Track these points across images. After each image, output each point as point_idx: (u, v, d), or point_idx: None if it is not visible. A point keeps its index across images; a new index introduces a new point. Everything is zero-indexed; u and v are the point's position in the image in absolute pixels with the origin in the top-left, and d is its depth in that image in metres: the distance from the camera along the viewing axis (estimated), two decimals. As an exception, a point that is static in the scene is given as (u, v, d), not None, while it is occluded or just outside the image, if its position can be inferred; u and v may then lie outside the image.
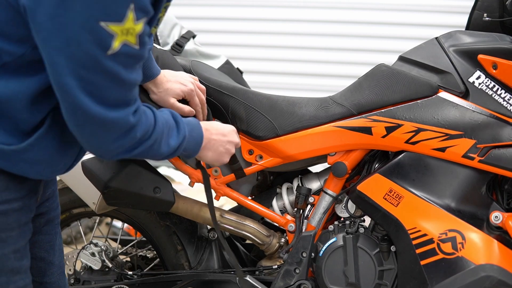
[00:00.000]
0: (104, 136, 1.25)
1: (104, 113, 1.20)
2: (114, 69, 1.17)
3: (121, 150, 1.30)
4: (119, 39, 1.14)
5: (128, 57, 1.18)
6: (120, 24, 1.12)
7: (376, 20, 4.41)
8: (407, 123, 1.80)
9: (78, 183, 1.97)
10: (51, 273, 1.58)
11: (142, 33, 1.18)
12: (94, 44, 1.12)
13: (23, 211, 1.35)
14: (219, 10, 4.62)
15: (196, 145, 1.55)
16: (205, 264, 2.06)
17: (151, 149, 1.36)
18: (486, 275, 1.69)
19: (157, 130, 1.35)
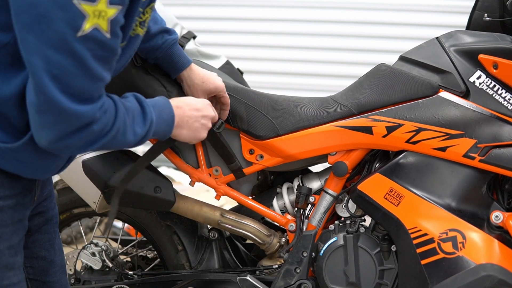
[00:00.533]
0: (63, 129, 1.21)
1: (66, 104, 1.18)
2: (82, 54, 1.15)
3: (78, 146, 1.26)
4: (91, 21, 1.13)
5: (97, 44, 1.17)
6: (92, 4, 1.12)
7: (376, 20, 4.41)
8: (407, 123, 1.80)
9: (78, 183, 1.97)
10: (53, 272, 1.59)
11: (115, 21, 1.17)
12: (65, 22, 1.11)
13: (17, 208, 1.36)
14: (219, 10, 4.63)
15: (168, 127, 1.50)
16: (205, 264, 2.06)
17: (114, 140, 1.31)
18: (487, 274, 1.69)
19: (118, 121, 1.31)
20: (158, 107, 1.47)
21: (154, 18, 1.75)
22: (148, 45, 1.73)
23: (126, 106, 1.35)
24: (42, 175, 1.40)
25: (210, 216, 1.97)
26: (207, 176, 1.97)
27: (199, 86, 1.79)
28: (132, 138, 1.37)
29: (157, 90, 1.77)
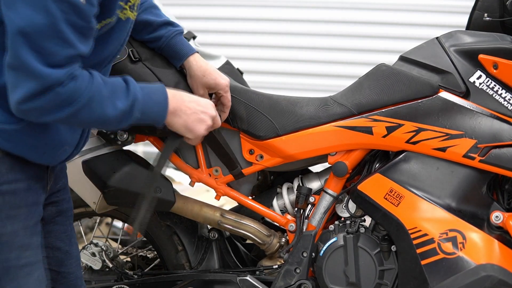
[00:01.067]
0: (29, 88, 1.24)
1: (33, 63, 1.21)
2: (55, 14, 1.19)
3: (46, 109, 1.27)
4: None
5: (71, 8, 1.20)
6: None
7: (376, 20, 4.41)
8: (407, 123, 1.80)
9: (78, 183, 1.97)
10: (69, 263, 1.62)
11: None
12: None
13: (29, 192, 1.41)
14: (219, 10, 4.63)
15: (160, 109, 1.48)
16: (205, 264, 2.05)
17: (89, 110, 1.31)
18: (487, 274, 1.69)
19: (91, 89, 1.31)
20: (148, 88, 1.46)
21: (158, 14, 1.80)
22: (153, 36, 1.79)
23: (105, 80, 1.36)
24: (50, 160, 1.44)
25: (210, 216, 1.97)
26: (207, 176, 1.97)
27: (199, 78, 1.80)
28: (112, 112, 1.35)
29: None
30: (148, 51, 1.82)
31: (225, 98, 1.84)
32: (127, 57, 1.76)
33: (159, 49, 1.82)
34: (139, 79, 1.75)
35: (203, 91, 1.81)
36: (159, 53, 1.83)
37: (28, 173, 1.41)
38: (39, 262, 1.44)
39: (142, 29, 1.78)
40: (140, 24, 1.77)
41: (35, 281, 1.42)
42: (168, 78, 1.79)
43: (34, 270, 1.42)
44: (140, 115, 1.41)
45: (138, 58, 1.78)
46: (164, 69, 1.80)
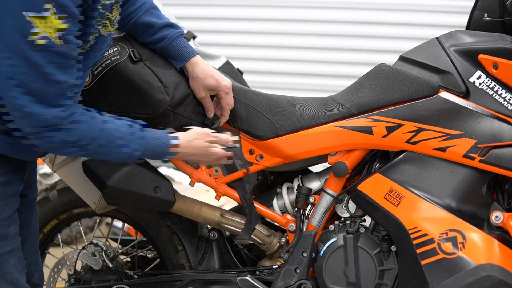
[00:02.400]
0: (28, 127, 1.37)
1: (26, 105, 1.32)
2: (38, 61, 1.28)
3: (51, 146, 1.42)
4: (39, 31, 1.25)
5: (53, 54, 1.29)
6: (38, 14, 1.24)
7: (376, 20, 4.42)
8: (407, 123, 1.80)
9: (78, 183, 1.98)
10: (24, 249, 1.68)
11: (66, 31, 1.29)
12: (15, 29, 1.25)
13: (8, 185, 1.51)
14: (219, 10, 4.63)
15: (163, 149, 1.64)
16: (205, 264, 2.05)
17: (97, 152, 1.49)
18: (487, 274, 1.69)
19: (101, 137, 1.47)
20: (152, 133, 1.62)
21: (159, 15, 1.82)
22: (154, 38, 1.80)
23: (117, 125, 1.52)
24: (30, 156, 1.55)
25: (210, 216, 1.97)
26: (207, 176, 1.97)
27: (201, 80, 1.81)
28: (122, 157, 1.55)
29: (154, 86, 1.77)
30: (149, 51, 1.82)
31: (224, 100, 1.84)
32: (128, 57, 1.76)
33: (160, 51, 1.82)
34: (140, 79, 1.75)
35: (204, 93, 1.82)
36: (160, 54, 1.83)
37: (8, 168, 1.50)
38: (15, 249, 1.54)
39: (144, 31, 1.79)
40: (142, 27, 1.77)
41: (12, 266, 1.52)
42: (169, 79, 1.79)
43: (10, 257, 1.52)
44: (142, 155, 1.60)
45: (139, 58, 1.78)
46: (165, 70, 1.80)
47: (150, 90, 1.76)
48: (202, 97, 1.83)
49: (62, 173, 2.00)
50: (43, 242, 2.20)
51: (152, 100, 1.76)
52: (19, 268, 1.56)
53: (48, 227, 2.19)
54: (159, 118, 1.77)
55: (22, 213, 1.68)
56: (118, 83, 1.75)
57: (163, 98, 1.77)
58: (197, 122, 1.85)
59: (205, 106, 1.85)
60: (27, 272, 1.72)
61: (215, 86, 1.82)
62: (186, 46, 1.83)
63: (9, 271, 1.52)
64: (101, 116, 1.50)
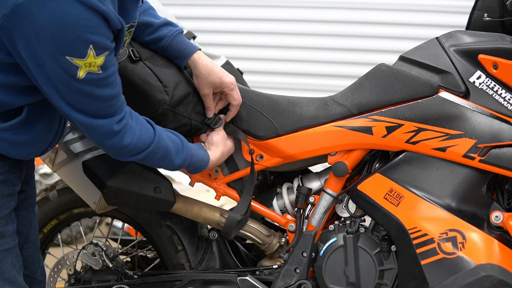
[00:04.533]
0: (94, 137, 1.51)
1: (84, 119, 1.45)
2: (85, 89, 1.40)
3: (123, 152, 1.56)
4: (83, 69, 1.37)
5: (94, 81, 1.40)
6: (83, 59, 1.35)
7: (376, 20, 4.42)
8: (407, 123, 1.80)
9: (78, 183, 1.98)
10: (27, 247, 1.74)
11: (104, 63, 1.39)
12: (62, 71, 1.36)
13: (6, 183, 1.53)
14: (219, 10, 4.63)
15: (202, 165, 1.78)
16: (205, 264, 2.05)
17: (148, 159, 1.61)
18: (487, 274, 1.69)
19: (157, 145, 1.60)
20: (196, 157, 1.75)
21: (156, 15, 1.83)
22: (154, 36, 1.81)
23: (171, 139, 1.66)
24: (27, 156, 1.57)
25: (210, 217, 1.97)
26: (207, 176, 1.97)
27: (205, 77, 1.81)
28: (170, 163, 1.67)
29: (153, 86, 1.76)
30: (149, 51, 1.81)
31: (231, 96, 1.84)
32: (127, 57, 1.76)
33: (161, 50, 1.82)
34: (139, 79, 1.75)
35: (208, 90, 1.82)
36: (159, 53, 1.83)
37: (6, 167, 1.52)
38: (13, 248, 1.56)
39: (143, 31, 1.79)
40: (140, 26, 1.77)
41: (9, 265, 1.53)
42: (168, 78, 1.79)
43: (8, 255, 1.53)
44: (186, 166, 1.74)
45: (139, 58, 1.77)
46: (165, 69, 1.80)
47: (150, 89, 1.75)
48: (206, 94, 1.82)
49: (62, 173, 2.01)
50: (43, 242, 2.20)
51: (151, 99, 1.76)
52: (17, 266, 1.56)
53: (48, 227, 2.19)
54: (159, 117, 1.76)
55: (22, 210, 1.70)
56: None
57: (162, 98, 1.76)
58: (196, 121, 1.85)
59: (206, 103, 1.84)
60: (31, 270, 1.75)
61: (219, 83, 1.81)
62: (187, 43, 1.83)
63: (6, 269, 1.53)
64: (153, 127, 1.62)
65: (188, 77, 1.86)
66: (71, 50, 1.33)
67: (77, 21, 1.31)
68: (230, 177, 1.96)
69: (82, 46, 1.34)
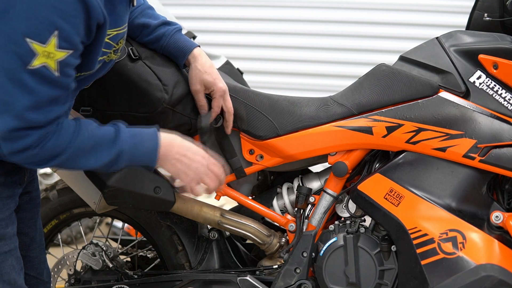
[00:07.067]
0: (7, 147, 1.36)
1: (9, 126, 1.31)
2: (28, 84, 1.29)
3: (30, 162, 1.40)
4: (40, 59, 1.27)
5: (44, 79, 1.30)
6: (42, 45, 1.26)
7: (376, 20, 4.41)
8: (407, 123, 1.80)
9: (78, 183, 1.98)
10: (33, 248, 1.73)
11: (64, 63, 1.30)
12: (16, 57, 1.26)
13: (5, 185, 1.50)
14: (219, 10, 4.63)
15: (149, 157, 1.52)
16: (205, 264, 2.06)
17: (73, 162, 1.43)
18: (487, 274, 1.69)
19: (74, 144, 1.41)
20: (139, 137, 1.51)
21: (154, 15, 1.81)
22: (152, 36, 1.80)
23: (90, 132, 1.44)
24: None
25: (210, 217, 1.97)
26: (207, 176, 1.97)
27: (200, 73, 1.80)
28: (95, 163, 1.46)
29: (153, 84, 1.77)
30: (148, 49, 1.81)
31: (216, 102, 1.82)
32: (127, 55, 1.76)
33: (161, 49, 1.82)
34: (138, 77, 1.75)
35: (200, 86, 1.81)
36: (159, 52, 1.83)
37: (5, 169, 1.49)
38: (13, 250, 1.53)
39: (141, 32, 1.79)
40: (138, 28, 1.77)
41: (8, 267, 1.52)
42: (168, 77, 1.79)
43: (8, 257, 1.51)
44: (128, 163, 1.50)
45: (138, 57, 1.77)
46: (164, 68, 1.80)
47: (149, 88, 1.76)
48: (197, 90, 1.81)
49: (62, 173, 2.01)
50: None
51: (151, 98, 1.76)
52: (17, 268, 1.55)
53: (48, 227, 2.19)
54: (158, 116, 1.76)
55: (27, 211, 1.69)
56: (117, 81, 1.75)
57: (162, 97, 1.76)
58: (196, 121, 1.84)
59: (197, 101, 1.83)
60: (37, 271, 1.75)
61: (210, 84, 1.80)
62: (186, 40, 1.82)
63: (6, 271, 1.52)
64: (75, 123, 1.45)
65: (187, 76, 1.86)
66: (34, 31, 1.26)
67: (53, 2, 1.25)
68: (231, 177, 1.96)
69: (46, 29, 1.26)
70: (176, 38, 1.81)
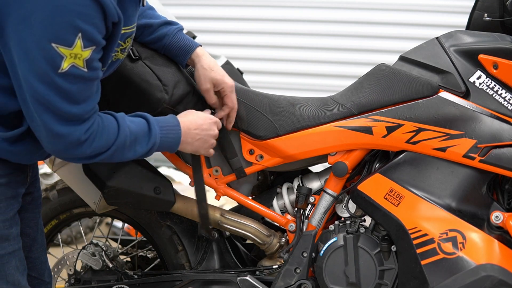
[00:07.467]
0: (59, 146, 1.43)
1: (53, 124, 1.38)
2: (64, 87, 1.35)
3: (76, 158, 1.49)
4: (68, 60, 1.32)
5: (76, 78, 1.35)
6: (69, 48, 1.31)
7: (376, 20, 4.42)
8: (407, 123, 1.80)
9: (78, 183, 1.98)
10: (35, 248, 1.74)
11: (90, 59, 1.36)
12: (45, 62, 1.31)
13: (9, 186, 1.52)
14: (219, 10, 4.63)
15: (174, 145, 1.67)
16: (205, 264, 2.06)
17: (113, 157, 1.53)
18: (487, 275, 1.69)
19: (118, 143, 1.51)
20: (166, 128, 1.63)
21: (155, 16, 1.82)
22: (154, 36, 1.80)
23: (130, 128, 1.54)
24: (29, 161, 1.56)
25: (210, 216, 1.97)
26: (207, 176, 1.97)
27: (207, 72, 1.79)
28: (132, 155, 1.57)
29: (153, 85, 1.77)
30: (148, 50, 1.81)
31: (229, 98, 1.82)
32: (127, 56, 1.76)
33: (163, 49, 1.81)
34: (138, 77, 1.75)
35: (210, 85, 1.80)
36: (159, 52, 1.83)
37: (9, 170, 1.51)
38: (17, 251, 1.54)
39: (142, 32, 1.79)
40: (140, 28, 1.77)
41: (13, 268, 1.52)
42: (168, 77, 1.79)
43: (12, 258, 1.52)
44: (156, 150, 1.63)
45: (138, 57, 1.77)
46: (164, 68, 1.80)
47: (149, 88, 1.76)
48: (207, 89, 1.80)
49: (62, 173, 2.00)
50: (43, 242, 2.20)
51: (151, 98, 1.76)
52: (20, 269, 1.56)
53: (48, 227, 2.19)
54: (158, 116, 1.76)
55: (29, 212, 1.69)
56: (117, 82, 1.75)
57: (162, 97, 1.76)
58: None
59: (208, 99, 1.82)
60: (39, 271, 1.75)
61: (220, 81, 1.80)
62: (188, 39, 1.82)
63: (10, 272, 1.52)
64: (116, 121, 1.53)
65: (188, 76, 1.86)
66: (59, 36, 1.29)
67: (72, 6, 1.28)
68: (230, 177, 1.96)
69: (71, 33, 1.30)
70: (178, 37, 1.81)
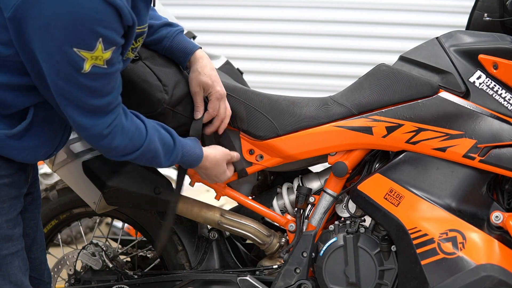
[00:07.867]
0: (87, 137, 1.50)
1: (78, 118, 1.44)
2: (87, 84, 1.39)
3: (108, 153, 1.56)
4: (89, 62, 1.36)
5: (99, 75, 1.40)
6: (90, 52, 1.35)
7: (376, 20, 4.42)
8: (407, 123, 1.80)
9: (78, 183, 1.98)
10: (35, 249, 1.74)
11: (111, 58, 1.39)
12: (68, 64, 1.35)
13: (13, 186, 1.53)
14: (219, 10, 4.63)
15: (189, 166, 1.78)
16: (205, 264, 2.06)
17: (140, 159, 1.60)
18: (487, 275, 1.69)
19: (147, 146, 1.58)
20: (188, 155, 1.72)
21: (156, 16, 1.82)
22: (154, 37, 1.80)
23: (163, 140, 1.63)
24: (33, 160, 1.57)
25: (210, 217, 1.97)
26: (207, 176, 1.97)
27: (199, 75, 1.80)
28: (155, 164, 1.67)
29: (153, 85, 1.76)
30: (148, 50, 1.81)
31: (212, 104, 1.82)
32: None
33: (163, 50, 1.82)
34: (138, 78, 1.75)
35: (198, 88, 1.81)
36: (159, 53, 1.83)
37: (12, 170, 1.52)
38: (20, 251, 1.55)
39: None
40: None
41: (16, 268, 1.53)
42: (168, 78, 1.79)
43: (15, 258, 1.53)
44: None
45: (138, 57, 1.77)
46: (164, 68, 1.80)
47: (149, 89, 1.75)
48: (196, 92, 1.81)
49: (62, 173, 2.00)
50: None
51: (151, 99, 1.76)
52: (23, 269, 1.56)
53: (48, 227, 2.19)
54: (158, 117, 1.76)
55: (29, 212, 1.69)
56: None
57: (162, 97, 1.76)
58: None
59: (195, 103, 1.82)
60: (38, 272, 1.76)
61: (209, 86, 1.80)
62: (188, 41, 1.82)
63: (13, 272, 1.53)
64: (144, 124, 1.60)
65: (188, 77, 1.86)
66: (80, 42, 1.33)
67: (91, 14, 1.31)
68: (231, 177, 1.96)
69: (92, 39, 1.33)
70: (178, 39, 1.81)
